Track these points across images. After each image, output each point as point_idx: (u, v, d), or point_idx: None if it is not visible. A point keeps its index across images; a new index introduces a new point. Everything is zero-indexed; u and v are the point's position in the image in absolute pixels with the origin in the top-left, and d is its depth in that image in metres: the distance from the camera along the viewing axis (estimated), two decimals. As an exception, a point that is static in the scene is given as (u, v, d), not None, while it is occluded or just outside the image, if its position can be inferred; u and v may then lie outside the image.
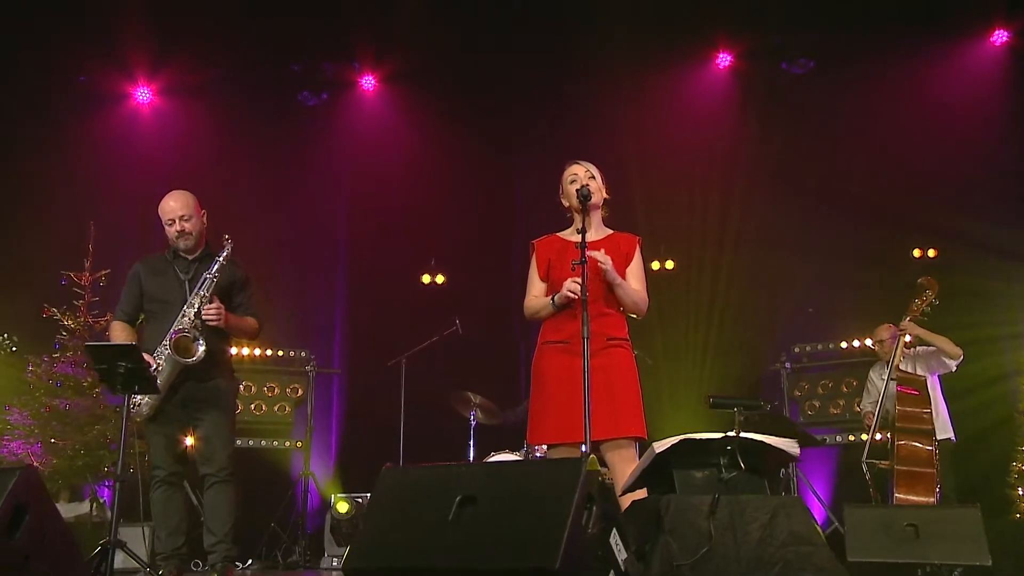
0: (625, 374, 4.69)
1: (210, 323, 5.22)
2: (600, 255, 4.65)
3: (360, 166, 10.30)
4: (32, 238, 9.15)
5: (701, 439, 3.64)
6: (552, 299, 4.68)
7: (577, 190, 4.73)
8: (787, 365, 9.14)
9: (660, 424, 9.09)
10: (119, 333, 5.46)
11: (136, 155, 9.93)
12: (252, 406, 8.93)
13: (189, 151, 10.05)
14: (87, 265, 8.28)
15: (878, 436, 7.21)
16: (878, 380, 7.67)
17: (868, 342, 8.39)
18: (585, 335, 4.32)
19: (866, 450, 7.10)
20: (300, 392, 9.08)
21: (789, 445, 3.70)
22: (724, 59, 10.22)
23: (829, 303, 9.15)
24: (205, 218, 5.63)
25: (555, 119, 10.07)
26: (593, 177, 4.87)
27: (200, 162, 9.94)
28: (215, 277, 5.33)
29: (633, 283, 4.80)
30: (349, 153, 10.34)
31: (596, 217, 4.89)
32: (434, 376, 8.60)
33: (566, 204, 4.93)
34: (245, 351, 8.90)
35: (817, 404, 9.13)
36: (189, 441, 5.47)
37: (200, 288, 5.30)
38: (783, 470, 8.00)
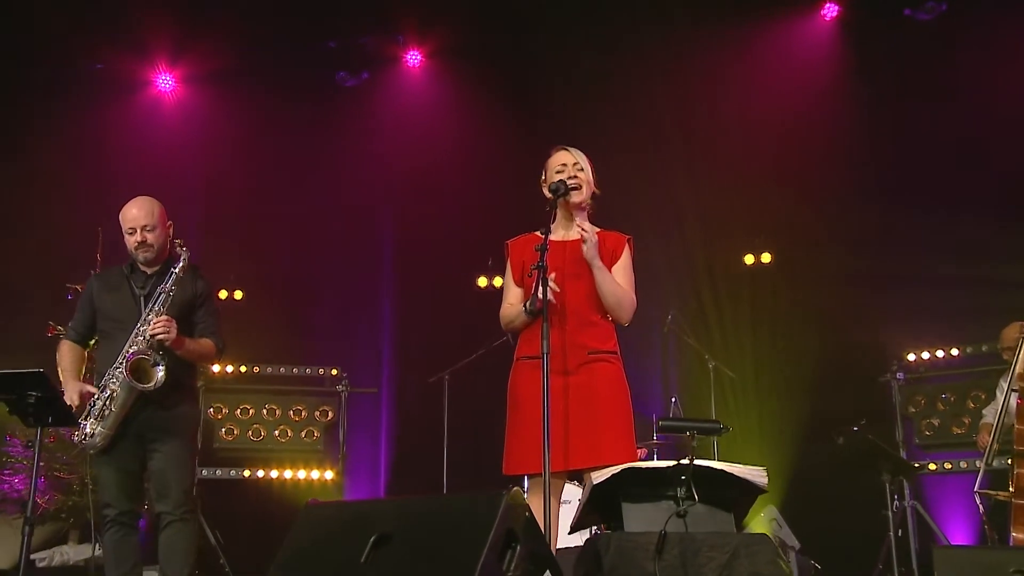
0: (610, 392, 4.67)
1: (158, 339, 5.30)
2: (588, 227, 4.71)
3: (406, 154, 10.45)
4: (35, 247, 9.54)
5: (647, 468, 3.66)
6: (524, 306, 4.74)
7: (553, 183, 4.79)
8: (899, 376, 8.89)
9: (743, 449, 9.10)
10: (65, 354, 5.60)
11: (156, 149, 10.31)
12: (276, 432, 9.21)
13: (215, 143, 10.42)
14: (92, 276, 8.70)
15: (996, 462, 6.98)
16: (999, 393, 7.44)
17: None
18: (545, 349, 4.27)
19: (979, 476, 6.88)
20: (331, 415, 9.32)
21: (755, 475, 3.68)
22: (830, 10, 10.06)
23: (952, 302, 8.88)
24: (171, 229, 5.68)
25: (628, 97, 10.10)
26: (582, 169, 4.88)
27: (227, 155, 10.38)
28: (171, 291, 5.42)
29: (619, 282, 4.83)
30: (393, 139, 10.50)
31: (580, 214, 4.91)
32: (478, 393, 8.71)
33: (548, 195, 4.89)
34: (269, 370, 9.23)
35: (936, 423, 8.88)
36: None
37: (155, 303, 5.41)
38: (897, 503, 7.85)
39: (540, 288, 4.49)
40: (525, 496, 3.50)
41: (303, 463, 9.29)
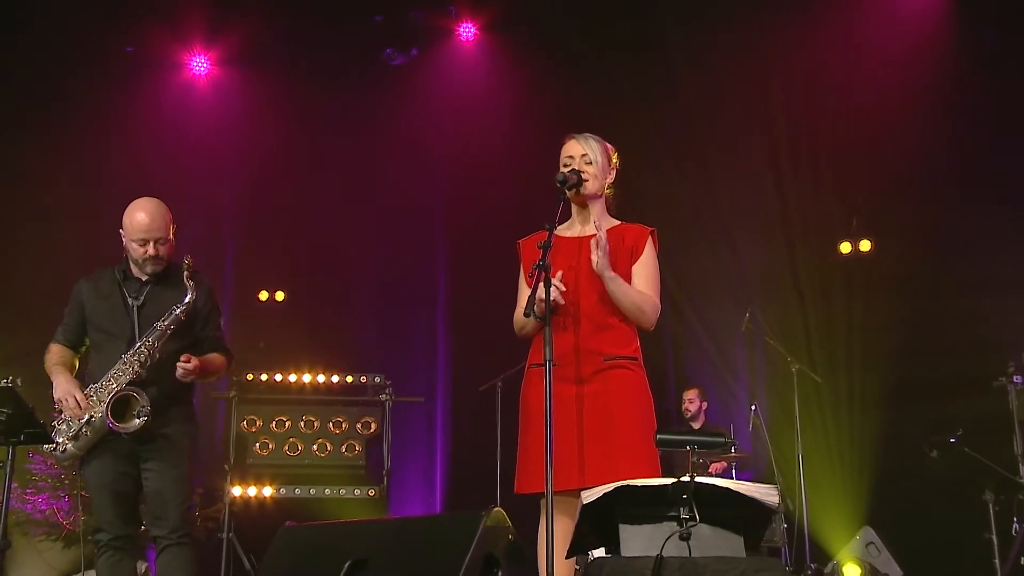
0: (628, 402, 4.65)
1: (182, 377, 5.39)
2: (602, 235, 4.62)
3: (459, 139, 10.50)
4: (44, 248, 9.70)
5: (643, 486, 3.64)
6: (533, 310, 4.68)
7: (560, 174, 4.75)
8: (1016, 379, 8.67)
9: (831, 463, 8.97)
10: (56, 352, 5.63)
11: (190, 138, 10.54)
12: (315, 447, 9.27)
13: (253, 130, 10.57)
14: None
15: None
16: None
17: None
18: (547, 356, 4.23)
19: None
20: (373, 427, 9.38)
21: (764, 493, 3.64)
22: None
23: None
24: (175, 234, 5.67)
25: (700, 71, 10.06)
26: (591, 163, 4.86)
27: (266, 143, 10.52)
28: (182, 315, 5.47)
29: (639, 283, 4.79)
30: (446, 123, 10.55)
31: (597, 207, 4.93)
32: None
33: None
34: (307, 378, 9.36)
35: (1061, 432, 8.59)
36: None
37: (156, 328, 5.42)
38: (1017, 525, 7.68)
39: (544, 290, 4.46)
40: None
41: (343, 480, 9.33)
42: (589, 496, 3.75)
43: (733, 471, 9.19)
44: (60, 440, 5.45)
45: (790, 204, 9.91)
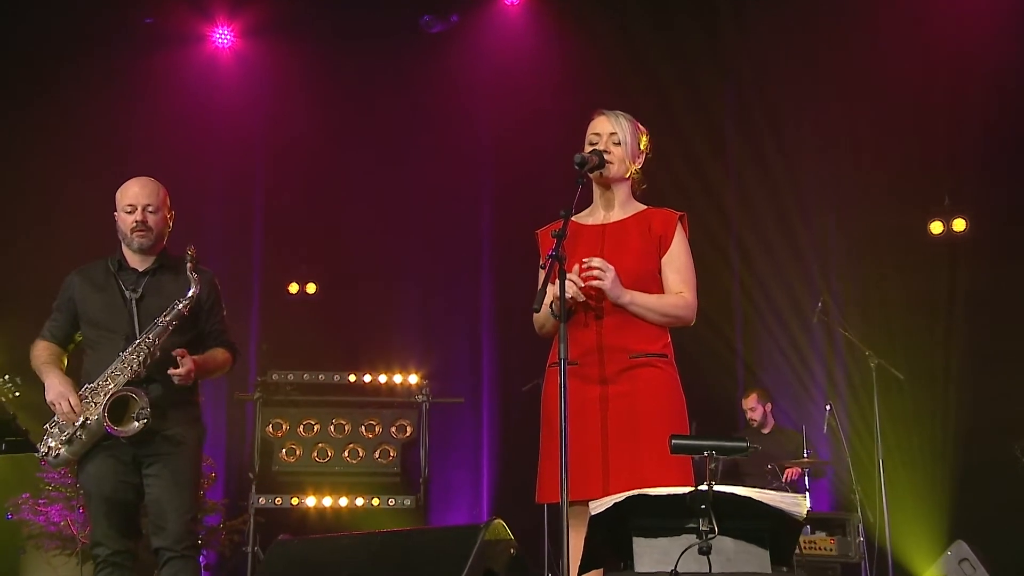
0: (656, 403, 4.58)
1: (180, 383, 5.37)
2: (600, 264, 4.56)
3: (504, 113, 10.49)
4: (48, 236, 9.84)
5: (657, 496, 3.61)
6: (551, 307, 4.52)
7: (578, 155, 4.65)
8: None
9: (915, 470, 8.86)
10: (43, 349, 5.62)
11: (213, 115, 10.65)
12: (346, 453, 9.20)
13: (280, 107, 10.68)
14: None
15: None
16: None
17: None
18: (563, 355, 4.12)
19: None
20: (409, 431, 9.31)
21: (789, 503, 3.59)
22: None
23: None
24: (172, 220, 5.72)
25: (767, 31, 10.01)
26: (619, 143, 4.81)
27: (294, 121, 10.59)
28: (184, 310, 5.47)
29: (670, 278, 4.76)
30: (490, 96, 10.55)
31: (622, 191, 4.89)
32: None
33: None
34: (336, 378, 9.36)
35: None
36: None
37: (157, 324, 5.42)
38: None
39: (558, 283, 4.41)
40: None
41: (377, 489, 9.23)
42: (598, 506, 3.72)
43: (806, 478, 9.11)
44: (53, 444, 5.43)
45: (872, 179, 9.77)
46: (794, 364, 9.80)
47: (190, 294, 5.49)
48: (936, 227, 9.76)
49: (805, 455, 8.91)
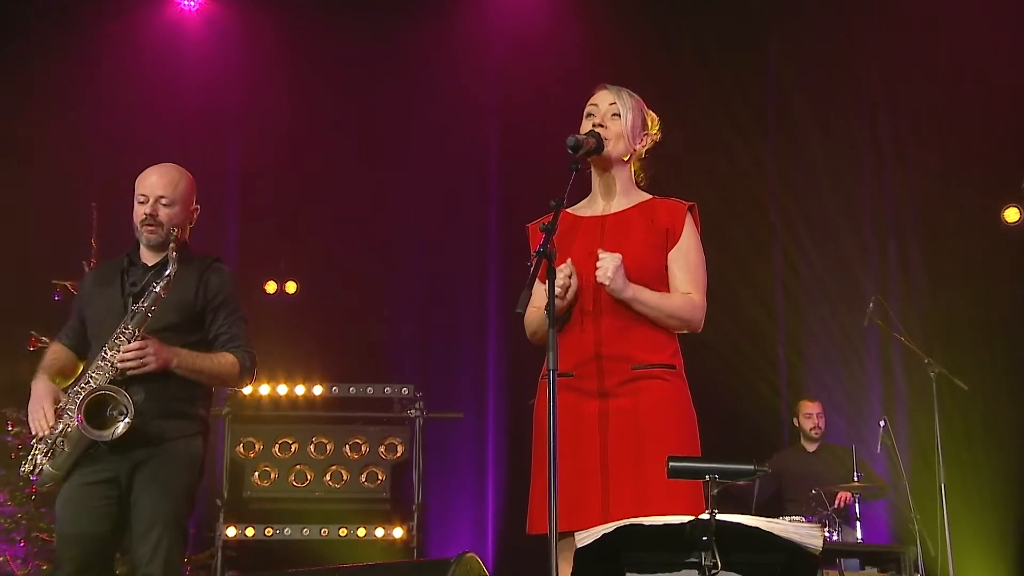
0: (662, 420, 4.60)
1: (128, 371, 5.31)
2: (608, 260, 4.59)
3: (514, 87, 10.57)
4: (12, 230, 9.80)
5: (651, 526, 3.62)
6: (546, 308, 4.57)
7: (571, 136, 4.64)
8: None
9: (982, 493, 8.80)
10: (50, 352, 5.71)
11: (177, 91, 10.63)
12: (327, 476, 9.13)
13: (256, 81, 10.68)
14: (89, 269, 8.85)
15: None
16: None
17: None
18: (552, 366, 4.19)
19: None
20: (400, 450, 9.27)
21: (804, 534, 3.56)
22: None
23: None
24: (196, 216, 5.78)
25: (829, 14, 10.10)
26: (617, 115, 4.83)
27: (273, 96, 10.59)
28: (162, 292, 5.40)
29: (677, 276, 4.76)
30: (497, 68, 10.67)
31: (623, 175, 4.90)
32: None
33: None
34: (318, 390, 9.31)
35: None
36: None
37: (137, 311, 5.39)
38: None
39: (547, 282, 4.36)
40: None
41: (363, 517, 9.20)
42: (585, 538, 3.66)
43: (856, 504, 9.03)
44: (40, 460, 5.43)
45: (933, 162, 9.72)
46: (842, 372, 9.74)
47: (166, 273, 5.42)
48: (1011, 214, 9.63)
49: (856, 477, 8.82)
